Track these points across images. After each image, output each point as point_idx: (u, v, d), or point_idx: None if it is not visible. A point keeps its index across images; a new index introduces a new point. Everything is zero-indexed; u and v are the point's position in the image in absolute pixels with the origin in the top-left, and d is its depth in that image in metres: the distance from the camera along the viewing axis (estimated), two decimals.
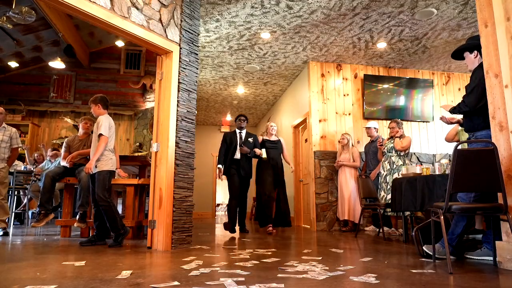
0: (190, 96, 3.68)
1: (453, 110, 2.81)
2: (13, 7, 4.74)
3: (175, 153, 3.42)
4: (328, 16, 4.97)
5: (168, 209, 3.30)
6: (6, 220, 4.49)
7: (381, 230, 4.58)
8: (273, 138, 5.50)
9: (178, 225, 3.37)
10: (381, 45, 5.79)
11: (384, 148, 4.89)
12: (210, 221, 8.50)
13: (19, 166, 6.42)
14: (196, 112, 3.76)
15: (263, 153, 5.17)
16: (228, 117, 10.69)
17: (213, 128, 11.69)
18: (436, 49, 5.96)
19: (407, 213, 4.12)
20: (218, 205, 14.39)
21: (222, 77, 7.40)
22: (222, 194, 15.93)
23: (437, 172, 3.48)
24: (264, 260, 2.60)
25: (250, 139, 5.26)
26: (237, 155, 5.10)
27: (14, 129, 4.64)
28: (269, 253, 3.01)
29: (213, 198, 11.33)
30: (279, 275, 2.05)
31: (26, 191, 6.01)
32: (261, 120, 11.01)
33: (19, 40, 6.85)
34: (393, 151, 4.75)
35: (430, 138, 6.63)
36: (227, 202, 4.99)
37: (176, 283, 1.83)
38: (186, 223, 3.46)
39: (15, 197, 6.01)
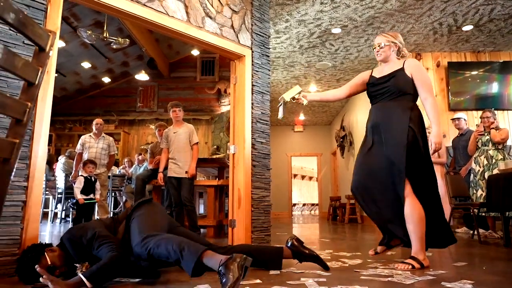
0: (264, 98, 3.75)
1: None
2: (105, 28, 5.34)
3: (252, 154, 3.51)
4: (404, 3, 4.66)
5: (247, 209, 3.40)
6: None
7: (475, 232, 4.15)
8: (386, 70, 2.39)
9: (257, 225, 3.45)
10: (467, 28, 5.26)
11: (478, 142, 4.42)
12: (287, 221, 8.53)
13: (115, 170, 7.15)
14: (270, 114, 3.81)
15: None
16: (301, 117, 10.63)
17: (286, 128, 11.73)
18: None
19: None
20: (294, 204, 14.40)
21: (293, 77, 7.39)
22: (298, 194, 15.89)
23: None
24: (345, 261, 2.53)
25: None
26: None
27: (111, 138, 5.21)
28: (349, 254, 2.92)
29: (289, 198, 11.39)
30: (362, 277, 1.98)
31: (121, 192, 6.67)
32: (335, 117, 10.75)
33: (110, 57, 7.65)
34: (490, 144, 4.27)
35: None
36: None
37: (258, 281, 1.87)
38: (265, 223, 3.52)
39: (112, 198, 6.71)
